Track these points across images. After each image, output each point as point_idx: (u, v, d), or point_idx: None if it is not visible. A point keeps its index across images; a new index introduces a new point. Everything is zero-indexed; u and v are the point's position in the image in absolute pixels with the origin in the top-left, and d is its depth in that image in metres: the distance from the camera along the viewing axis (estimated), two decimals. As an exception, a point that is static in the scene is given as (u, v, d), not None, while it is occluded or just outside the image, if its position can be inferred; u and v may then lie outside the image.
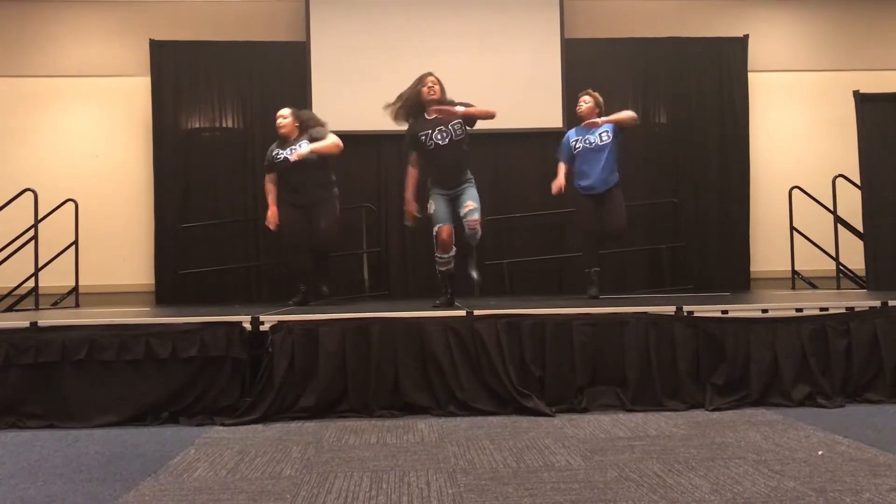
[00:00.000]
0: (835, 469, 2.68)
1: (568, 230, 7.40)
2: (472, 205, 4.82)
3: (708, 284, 7.48)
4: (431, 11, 7.60)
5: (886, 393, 3.98)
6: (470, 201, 4.84)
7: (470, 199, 4.85)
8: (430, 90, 4.84)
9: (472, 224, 4.78)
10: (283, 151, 5.43)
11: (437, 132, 4.83)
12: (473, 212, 4.80)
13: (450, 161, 4.85)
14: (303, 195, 5.39)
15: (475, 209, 4.82)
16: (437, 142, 4.83)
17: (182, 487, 2.65)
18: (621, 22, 7.93)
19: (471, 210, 4.81)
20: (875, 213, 6.09)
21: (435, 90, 4.86)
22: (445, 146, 4.83)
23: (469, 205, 4.82)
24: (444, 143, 4.83)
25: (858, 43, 8.16)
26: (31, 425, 3.76)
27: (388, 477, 2.71)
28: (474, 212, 4.80)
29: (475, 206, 4.83)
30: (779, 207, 7.70)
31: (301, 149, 5.31)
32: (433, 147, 4.85)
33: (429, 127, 4.85)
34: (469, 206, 4.82)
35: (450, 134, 4.82)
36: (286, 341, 3.89)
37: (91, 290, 7.30)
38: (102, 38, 7.73)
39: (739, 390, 3.95)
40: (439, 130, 4.83)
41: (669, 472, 2.69)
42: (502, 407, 3.85)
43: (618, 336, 4.00)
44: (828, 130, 7.93)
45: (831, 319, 4.09)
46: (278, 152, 5.46)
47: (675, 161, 7.78)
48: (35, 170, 7.44)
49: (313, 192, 5.39)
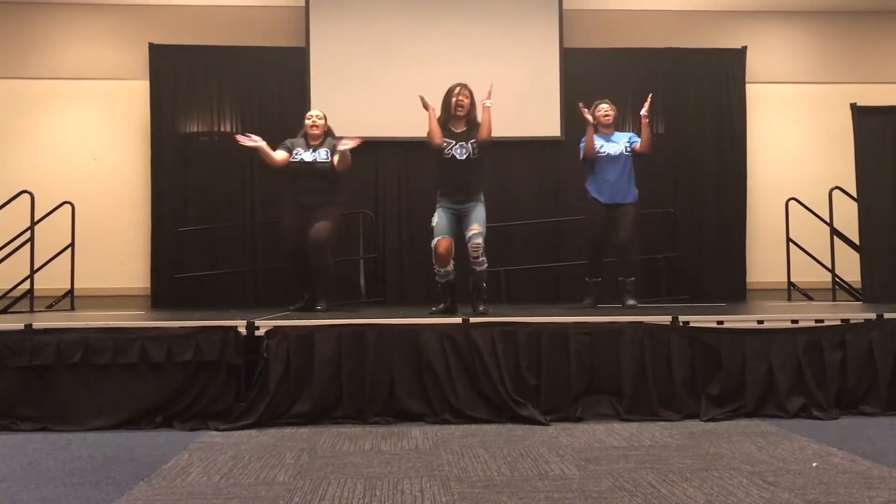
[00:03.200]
0: (829, 481, 2.68)
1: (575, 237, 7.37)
2: (477, 228, 4.81)
3: (704, 295, 7.48)
4: (431, 19, 7.62)
5: (881, 405, 3.98)
6: (476, 224, 4.82)
7: (476, 223, 4.83)
8: (460, 105, 4.86)
9: (475, 246, 4.78)
10: (304, 152, 5.31)
11: (458, 145, 4.85)
12: (477, 236, 4.80)
13: (462, 177, 4.87)
14: (309, 197, 5.27)
15: (479, 233, 4.80)
16: (455, 154, 4.85)
17: (175, 492, 2.64)
18: (620, 32, 7.96)
19: (475, 234, 4.80)
20: (871, 225, 6.10)
21: (464, 104, 4.87)
22: (462, 161, 4.85)
23: (474, 228, 4.81)
24: (462, 159, 4.85)
25: (856, 56, 8.20)
26: (25, 428, 3.75)
27: (381, 484, 2.70)
28: (478, 236, 4.79)
29: (479, 231, 4.81)
30: (775, 218, 7.72)
31: (346, 145, 5.16)
32: (450, 158, 4.86)
33: (452, 138, 4.87)
34: (474, 230, 4.81)
35: (468, 152, 4.85)
36: (281, 346, 3.88)
37: (86, 293, 7.28)
38: (102, 42, 7.74)
39: (734, 401, 3.95)
40: (460, 145, 4.85)
41: (664, 482, 2.69)
42: (497, 415, 3.85)
43: (613, 345, 4.00)
44: (825, 143, 7.96)
45: (827, 331, 4.09)
46: (299, 151, 5.32)
47: (672, 171, 7.80)
48: (32, 172, 7.43)
49: (320, 196, 5.26)
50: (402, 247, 7.56)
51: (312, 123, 5.41)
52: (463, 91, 4.89)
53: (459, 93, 4.87)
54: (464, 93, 4.88)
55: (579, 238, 7.33)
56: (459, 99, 4.86)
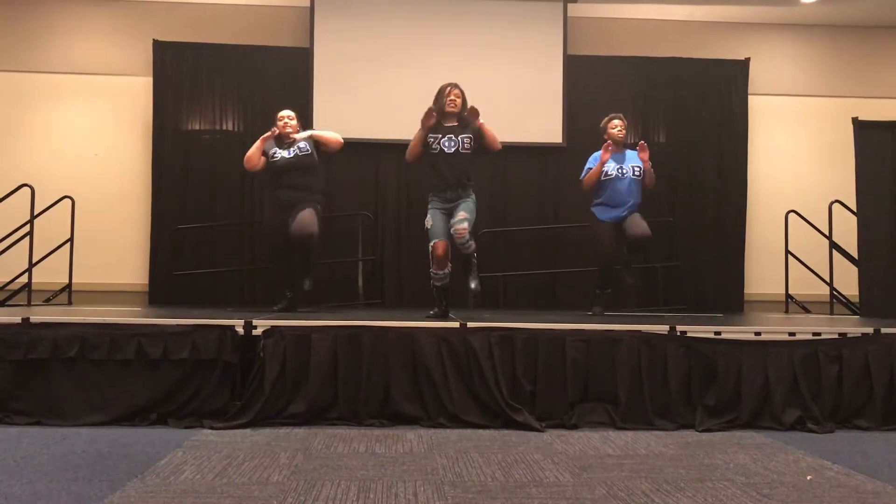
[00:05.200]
0: (822, 495, 2.67)
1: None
2: (464, 215, 4.81)
3: (701, 305, 7.48)
4: (435, 23, 7.63)
5: (876, 420, 3.99)
6: (462, 212, 4.83)
7: (463, 210, 4.84)
8: (452, 103, 4.90)
9: (460, 231, 4.76)
10: (280, 150, 5.31)
11: (446, 139, 4.86)
12: (462, 221, 4.78)
13: (450, 171, 4.86)
14: (289, 193, 5.25)
15: (465, 219, 4.79)
16: (443, 147, 4.85)
17: (168, 489, 2.64)
18: (624, 40, 7.97)
19: (459, 220, 4.79)
20: (870, 239, 6.10)
21: (456, 104, 4.91)
22: (450, 155, 4.85)
23: (460, 215, 4.81)
24: (450, 152, 4.85)
25: (859, 70, 8.21)
26: (18, 422, 3.74)
27: (375, 487, 2.70)
28: (462, 221, 4.78)
29: (465, 217, 4.81)
30: (774, 230, 7.72)
31: (300, 135, 5.28)
32: (437, 152, 4.86)
33: (440, 132, 4.88)
34: (459, 216, 4.81)
35: (457, 145, 4.85)
36: (278, 346, 3.88)
37: (84, 288, 7.28)
38: (106, 37, 7.74)
39: (730, 412, 3.95)
40: (449, 138, 4.86)
41: (658, 491, 2.69)
42: (492, 420, 3.85)
43: (610, 353, 4.00)
44: (826, 156, 7.97)
45: (823, 345, 4.09)
46: (277, 151, 5.32)
47: (672, 180, 7.79)
48: (33, 166, 7.43)
49: (300, 193, 5.24)
50: (401, 249, 7.56)
51: (284, 125, 5.38)
52: (454, 90, 4.93)
53: (450, 92, 4.92)
54: (455, 91, 4.93)
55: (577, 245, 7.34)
56: (451, 98, 4.89)
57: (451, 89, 4.94)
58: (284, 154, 5.29)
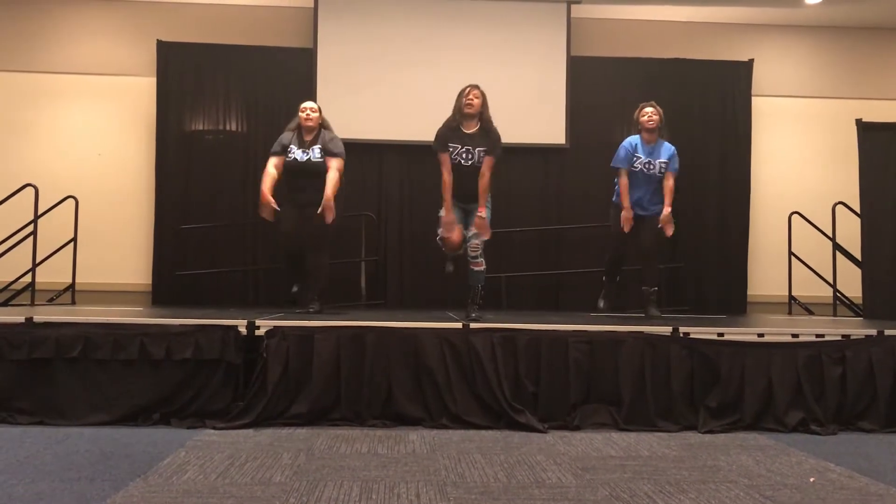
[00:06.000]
0: (826, 497, 2.67)
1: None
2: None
3: (704, 306, 7.47)
4: (439, 24, 7.62)
5: (880, 422, 3.98)
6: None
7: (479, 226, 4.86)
8: (469, 104, 4.88)
9: (474, 246, 4.82)
10: (297, 150, 5.24)
11: (464, 150, 4.87)
12: (477, 236, 4.82)
13: (466, 183, 4.88)
14: (306, 195, 5.20)
15: (479, 234, 4.82)
16: (460, 160, 4.87)
17: (171, 489, 2.64)
18: (627, 42, 7.96)
19: (475, 234, 4.83)
20: (874, 241, 6.09)
21: (474, 104, 4.89)
22: (467, 168, 4.87)
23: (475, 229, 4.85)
24: (466, 166, 4.87)
25: (862, 72, 8.20)
26: (21, 421, 3.75)
27: (378, 487, 2.70)
28: (478, 236, 4.82)
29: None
30: (778, 232, 7.71)
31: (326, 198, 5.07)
32: (455, 163, 4.88)
33: (458, 142, 4.88)
34: (474, 231, 4.84)
35: (473, 158, 4.87)
36: (281, 347, 3.89)
37: (87, 288, 7.28)
38: (110, 37, 7.74)
39: (733, 414, 3.94)
40: (466, 150, 4.87)
41: (660, 493, 2.69)
42: (495, 421, 3.85)
43: (613, 355, 4.00)
44: (829, 157, 7.95)
45: (827, 347, 4.09)
46: (293, 149, 5.25)
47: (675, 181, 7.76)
48: (37, 165, 7.43)
49: (316, 194, 5.14)
50: (404, 250, 7.55)
51: (307, 116, 5.31)
52: (473, 90, 4.93)
53: (469, 92, 4.91)
54: (474, 92, 4.92)
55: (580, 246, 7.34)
56: (469, 99, 4.88)
57: (470, 90, 4.93)
58: (299, 156, 5.25)
